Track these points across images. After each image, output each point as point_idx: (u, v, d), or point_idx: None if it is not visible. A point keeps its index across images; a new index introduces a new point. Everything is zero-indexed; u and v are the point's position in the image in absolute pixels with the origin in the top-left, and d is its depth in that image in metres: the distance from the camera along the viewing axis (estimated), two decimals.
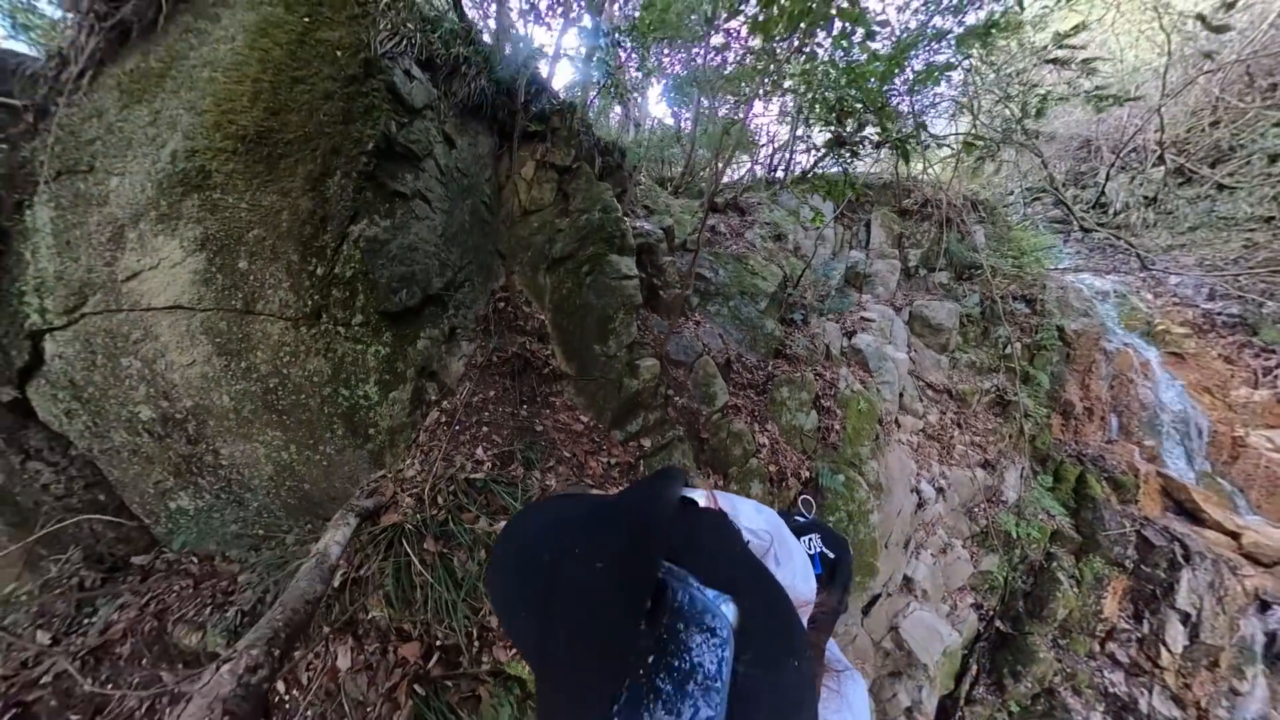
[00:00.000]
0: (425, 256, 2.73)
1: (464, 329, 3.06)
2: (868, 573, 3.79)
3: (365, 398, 2.38)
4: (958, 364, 5.64)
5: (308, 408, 2.28)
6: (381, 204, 2.49)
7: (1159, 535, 4.58)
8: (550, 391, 3.14)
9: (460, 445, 2.56)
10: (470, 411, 2.73)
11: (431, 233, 2.81)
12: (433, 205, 2.85)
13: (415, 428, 2.59)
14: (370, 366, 2.40)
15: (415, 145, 2.70)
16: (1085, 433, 5.97)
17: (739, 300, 4.18)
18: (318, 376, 2.27)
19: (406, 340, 2.61)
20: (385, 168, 2.50)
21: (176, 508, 2.39)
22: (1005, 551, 4.41)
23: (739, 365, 3.37)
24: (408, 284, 2.61)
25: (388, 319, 2.49)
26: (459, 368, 2.94)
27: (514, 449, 2.63)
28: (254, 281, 2.20)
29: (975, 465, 4.66)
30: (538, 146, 3.77)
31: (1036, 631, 4.41)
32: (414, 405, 2.58)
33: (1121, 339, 6.76)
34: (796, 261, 6.15)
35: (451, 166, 3.08)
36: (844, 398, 3.86)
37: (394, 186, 2.55)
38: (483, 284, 3.33)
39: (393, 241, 2.52)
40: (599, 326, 3.24)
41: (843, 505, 3.60)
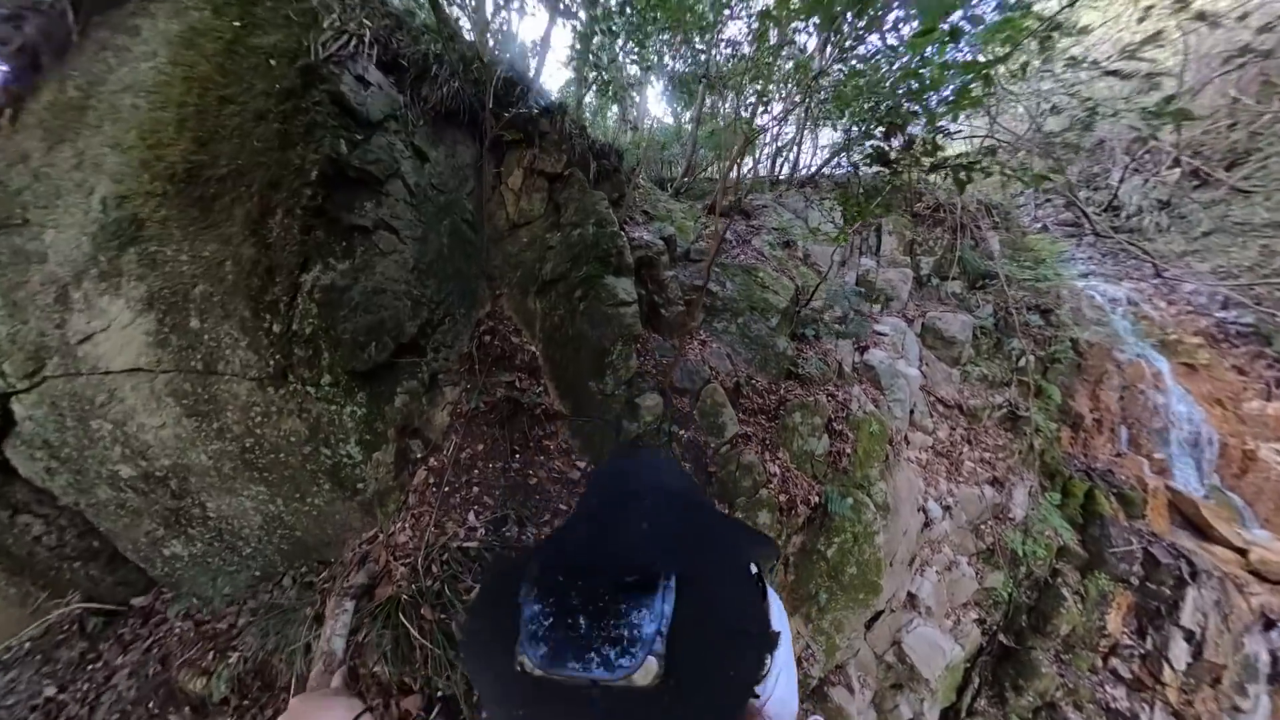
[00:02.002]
0: (394, 299, 2.49)
1: (446, 373, 2.85)
2: (871, 590, 3.84)
3: (349, 457, 2.26)
4: (969, 378, 5.64)
5: (289, 465, 2.17)
6: (336, 243, 2.18)
7: (1165, 552, 4.61)
8: (544, 434, 2.97)
9: (451, 510, 2.49)
10: (459, 470, 2.66)
11: (401, 268, 2.56)
12: (401, 235, 2.57)
13: (404, 489, 2.49)
14: (348, 427, 2.23)
15: (375, 166, 2.37)
16: (1094, 445, 5.98)
17: (748, 317, 4.18)
18: (294, 437, 2.12)
19: (382, 399, 2.39)
20: (337, 198, 2.18)
21: (171, 554, 2.31)
22: (1011, 569, 4.46)
23: (749, 389, 3.39)
24: (376, 335, 2.36)
25: (359, 378, 2.27)
26: (443, 419, 2.76)
27: (507, 510, 2.54)
28: (210, 341, 2.02)
29: (983, 483, 4.69)
30: (525, 152, 3.48)
31: (1039, 646, 4.47)
32: (399, 466, 2.45)
33: (1135, 349, 6.72)
34: (807, 270, 6.13)
35: (424, 185, 2.81)
36: (855, 420, 3.89)
37: (350, 220, 2.23)
38: (465, 315, 3.09)
39: (354, 287, 2.24)
40: (594, 360, 2.98)
41: (848, 528, 3.64)
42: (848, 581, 3.68)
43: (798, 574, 3.61)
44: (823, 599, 3.60)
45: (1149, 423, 6.14)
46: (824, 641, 3.68)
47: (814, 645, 3.67)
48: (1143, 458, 5.87)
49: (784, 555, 3.26)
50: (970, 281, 7.22)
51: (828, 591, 3.62)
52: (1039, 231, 10.79)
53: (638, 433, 2.95)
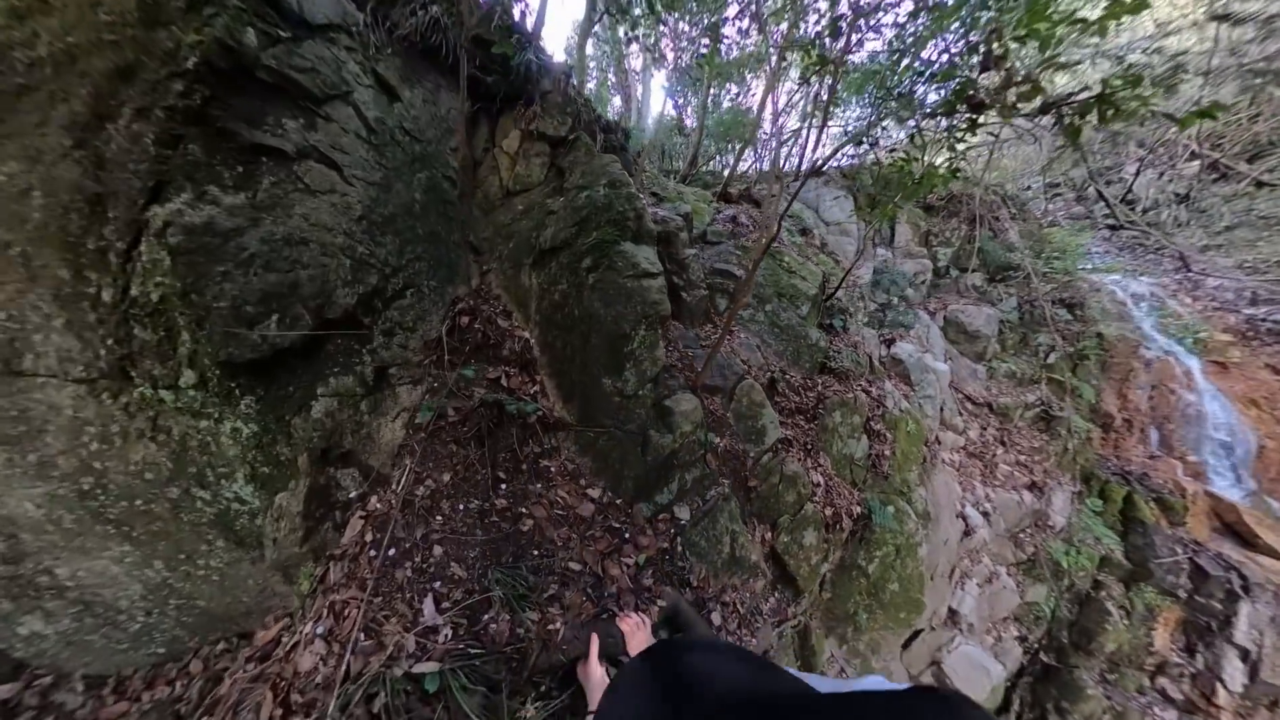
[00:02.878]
0: (324, 253, 1.82)
1: (404, 366, 2.17)
2: (914, 609, 3.48)
3: (239, 501, 1.58)
4: (995, 374, 5.29)
5: (154, 516, 1.53)
6: (226, 166, 1.57)
7: (1214, 563, 4.29)
8: (540, 451, 2.21)
9: (397, 593, 1.63)
10: (414, 518, 1.82)
11: (341, 215, 1.94)
12: (346, 174, 1.99)
13: (322, 555, 1.70)
14: (231, 455, 1.53)
15: (307, 77, 1.82)
16: (1125, 447, 5.67)
17: (777, 304, 3.78)
18: (152, 473, 1.47)
19: (288, 406, 1.67)
20: (236, 106, 1.59)
21: (30, 633, 1.64)
22: (1054, 581, 4.12)
23: (785, 385, 2.98)
24: (282, 304, 1.65)
25: (244, 373, 1.56)
26: (394, 434, 2.01)
27: (489, 584, 1.69)
28: (8, 322, 1.39)
29: (1021, 487, 4.34)
30: (524, 112, 3.02)
31: (1083, 665, 4.13)
32: (314, 518, 1.68)
33: (1161, 346, 6.42)
34: (826, 258, 5.75)
35: (392, 125, 2.31)
36: (892, 418, 3.51)
37: (255, 138, 1.64)
38: (438, 290, 2.45)
39: (250, 231, 1.59)
40: (610, 349, 2.29)
41: (890, 540, 3.27)
42: (889, 599, 3.32)
43: (835, 592, 3.23)
44: (862, 619, 3.23)
45: (1180, 423, 5.84)
46: (858, 664, 3.32)
47: (848, 669, 3.30)
48: (1176, 460, 5.57)
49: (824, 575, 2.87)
50: (990, 273, 6.89)
51: (867, 611, 3.25)
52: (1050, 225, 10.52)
53: (672, 447, 2.28)
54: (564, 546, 1.91)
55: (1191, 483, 5.18)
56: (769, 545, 2.47)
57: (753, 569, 2.26)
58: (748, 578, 2.23)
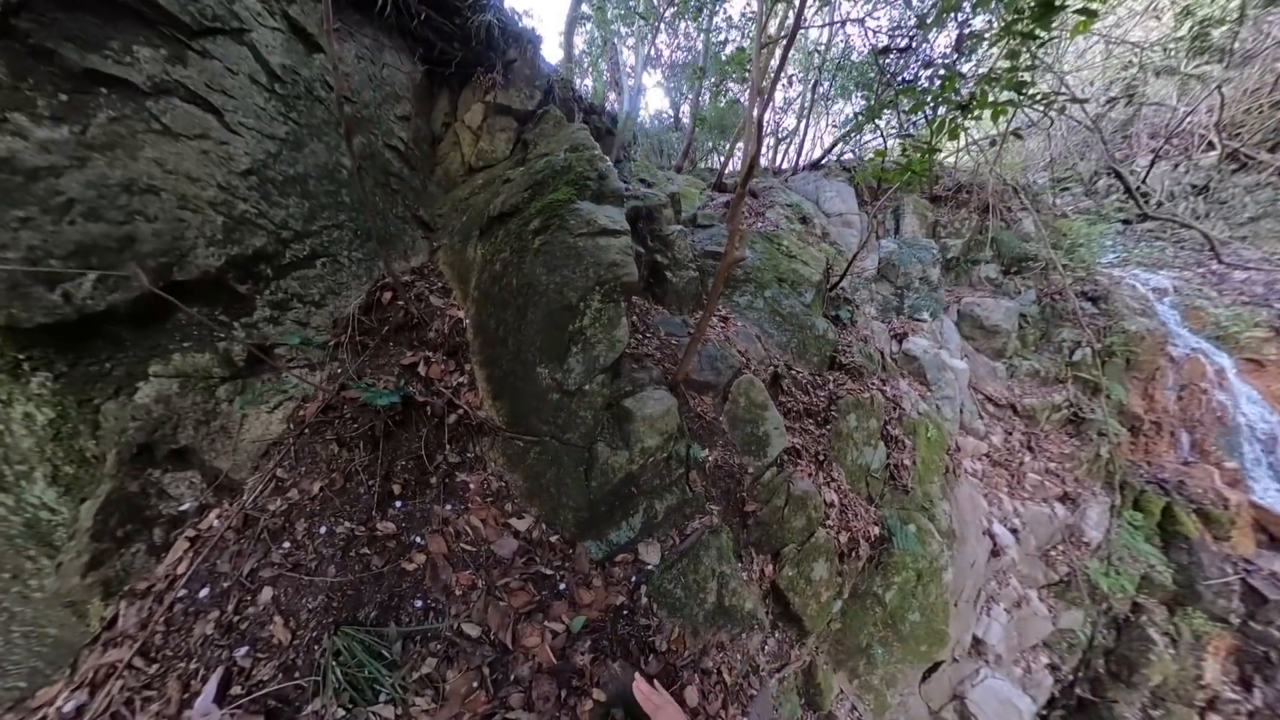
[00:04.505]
0: (182, 205, 1.52)
1: (302, 346, 1.82)
2: (936, 641, 3.01)
3: (46, 508, 1.30)
4: (1016, 372, 4.83)
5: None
6: (40, 93, 1.29)
7: (1270, 585, 3.82)
8: (459, 461, 1.68)
9: (180, 664, 1.11)
10: (249, 543, 1.31)
11: (217, 166, 1.63)
12: (229, 120, 1.69)
13: (115, 590, 1.33)
14: (25, 448, 1.24)
15: (175, 1, 1.53)
16: (1156, 451, 5.20)
17: (777, 290, 3.31)
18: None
19: (99, 386, 1.33)
20: (60, 21, 1.31)
21: None
22: (1092, 605, 3.64)
23: (790, 382, 2.49)
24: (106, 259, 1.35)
25: (38, 342, 1.27)
26: (267, 428, 1.63)
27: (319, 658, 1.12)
28: None
29: (1052, 499, 3.87)
30: (484, 81, 2.76)
31: (1122, 699, 3.66)
32: (111, 538, 1.32)
33: (1189, 343, 5.97)
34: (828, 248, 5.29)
35: (308, 76, 2.01)
36: (911, 422, 3.04)
37: (88, 62, 1.35)
38: (362, 264, 2.13)
39: (71, 173, 1.31)
40: (550, 326, 1.73)
41: (911, 564, 2.79)
42: (909, 631, 2.84)
43: (846, 623, 2.75)
44: (876, 653, 2.76)
45: (1214, 426, 5.37)
46: (871, 699, 2.85)
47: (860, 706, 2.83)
48: (1212, 466, 5.10)
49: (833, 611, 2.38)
50: (1005, 265, 6.43)
51: (883, 644, 2.78)
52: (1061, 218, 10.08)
53: (628, 468, 1.64)
54: (462, 598, 1.36)
55: (1232, 492, 4.71)
56: (769, 580, 1.99)
57: (746, 620, 1.76)
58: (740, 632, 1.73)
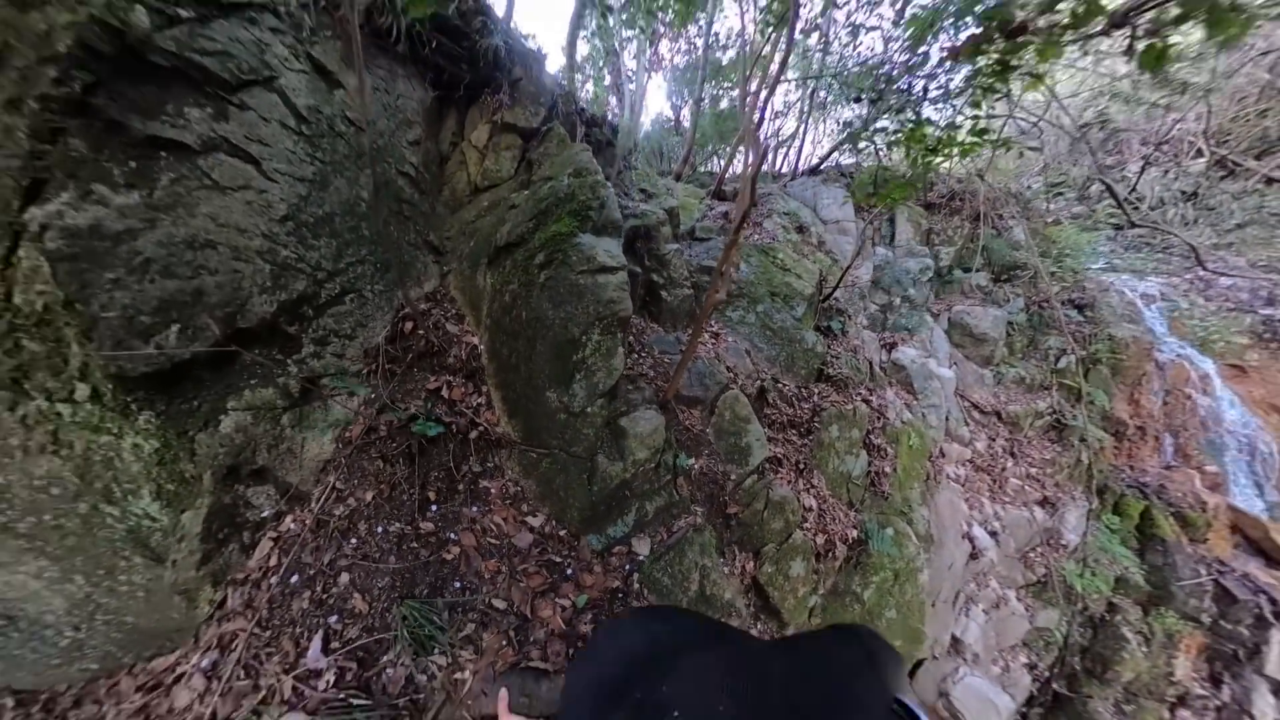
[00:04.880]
0: (236, 257, 1.70)
1: (340, 376, 2.03)
2: (913, 639, 3.18)
3: (148, 518, 1.50)
4: (1004, 380, 4.98)
5: (67, 531, 1.47)
6: (116, 162, 1.44)
7: (1241, 586, 3.98)
8: (480, 470, 1.98)
9: (286, 628, 1.49)
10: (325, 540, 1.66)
11: (259, 215, 1.78)
12: (266, 168, 1.83)
13: (221, 580, 1.60)
14: (135, 471, 1.47)
15: (216, 62, 1.65)
16: (1139, 456, 5.35)
17: (769, 304, 3.47)
18: (58, 488, 1.42)
19: (191, 421, 1.57)
20: (125, 93, 1.46)
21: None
22: (1067, 605, 3.80)
23: (775, 395, 2.66)
24: (183, 314, 1.54)
25: (139, 387, 1.47)
26: (322, 449, 1.88)
27: (391, 623, 1.50)
28: None
29: (1032, 503, 4.03)
30: (491, 102, 2.84)
31: (1097, 695, 3.81)
32: (215, 540, 1.61)
33: (1174, 349, 6.12)
34: (823, 257, 5.44)
35: (331, 114, 2.12)
36: (894, 431, 3.20)
37: (149, 130, 1.50)
38: (384, 295, 2.27)
39: (145, 234, 1.47)
40: (556, 357, 2.01)
41: (888, 565, 2.96)
42: (885, 628, 3.00)
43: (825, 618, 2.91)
44: None
45: (1197, 431, 5.53)
46: None
47: None
48: (1194, 470, 5.25)
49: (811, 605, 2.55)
50: (995, 273, 6.58)
51: None
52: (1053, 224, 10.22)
53: (622, 476, 1.97)
54: (490, 580, 1.72)
55: (1211, 495, 4.86)
56: (750, 575, 2.16)
57: (726, 608, 1.95)
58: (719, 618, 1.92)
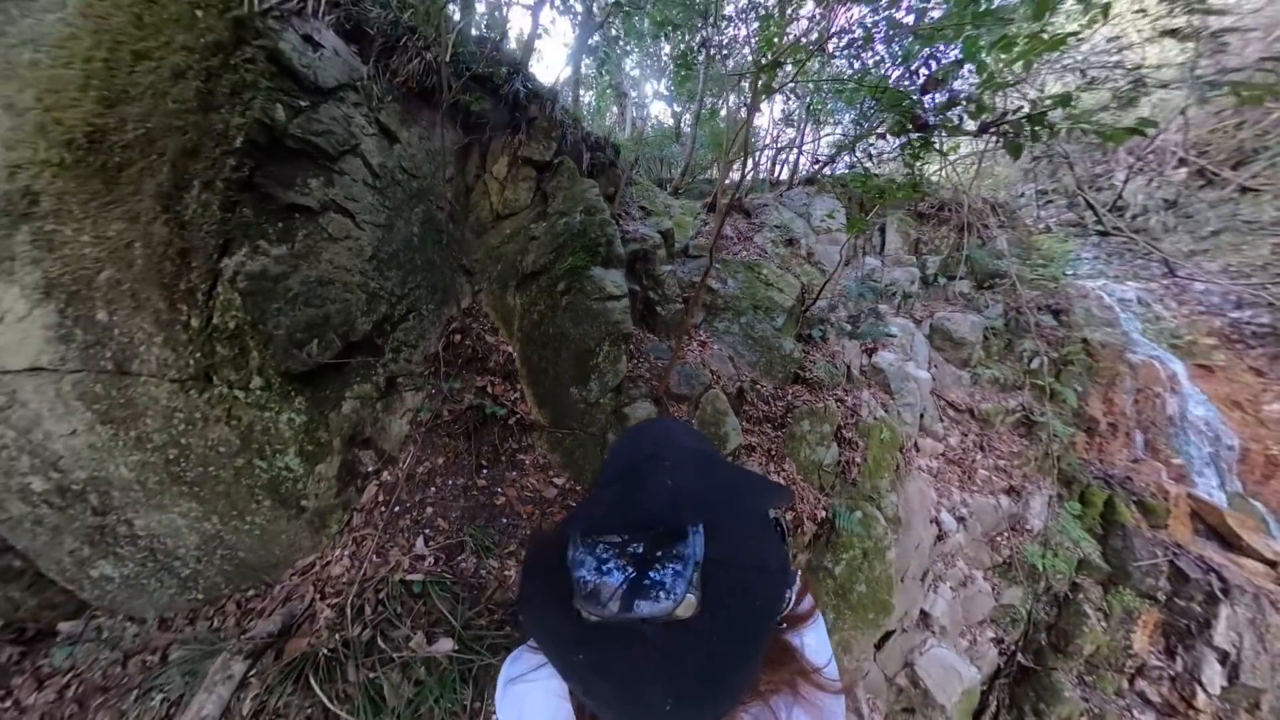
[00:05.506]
0: (345, 291, 2.25)
1: (408, 376, 2.59)
2: (882, 610, 3.57)
3: (288, 470, 2.03)
4: (980, 380, 5.38)
5: (221, 479, 1.95)
6: (269, 224, 1.97)
7: (1194, 566, 4.33)
8: (517, 447, 2.65)
9: (399, 534, 2.20)
10: (414, 487, 2.36)
11: (355, 257, 2.33)
12: (358, 219, 2.35)
13: (348, 508, 2.24)
14: (286, 436, 2.01)
15: (324, 139, 2.15)
16: (1110, 450, 5.72)
17: (752, 316, 3.91)
18: (224, 447, 1.92)
19: (326, 404, 2.15)
20: (272, 172, 1.96)
21: (99, 575, 2.05)
22: (1030, 583, 4.18)
23: (753, 395, 3.11)
24: (319, 332, 2.11)
25: (297, 380, 2.05)
26: (402, 428, 2.52)
27: (463, 537, 2.22)
28: (120, 336, 1.79)
29: (999, 492, 4.42)
30: (512, 139, 3.30)
31: (1061, 667, 4.18)
32: (344, 482, 2.21)
33: (1147, 350, 6.49)
34: (812, 269, 5.87)
35: (392, 167, 2.61)
36: (865, 426, 3.61)
37: (288, 198, 2.02)
38: (435, 312, 2.84)
39: (292, 275, 2.02)
40: (577, 363, 2.65)
41: (857, 544, 3.36)
42: (856, 600, 3.41)
43: None
44: (830, 619, 3.32)
45: (1165, 427, 5.89)
46: None
47: None
48: (1160, 464, 5.61)
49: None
50: (978, 281, 6.98)
51: (835, 611, 3.34)
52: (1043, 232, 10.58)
53: None
54: (528, 518, 2.36)
55: (1174, 485, 5.22)
56: None
57: None
58: None
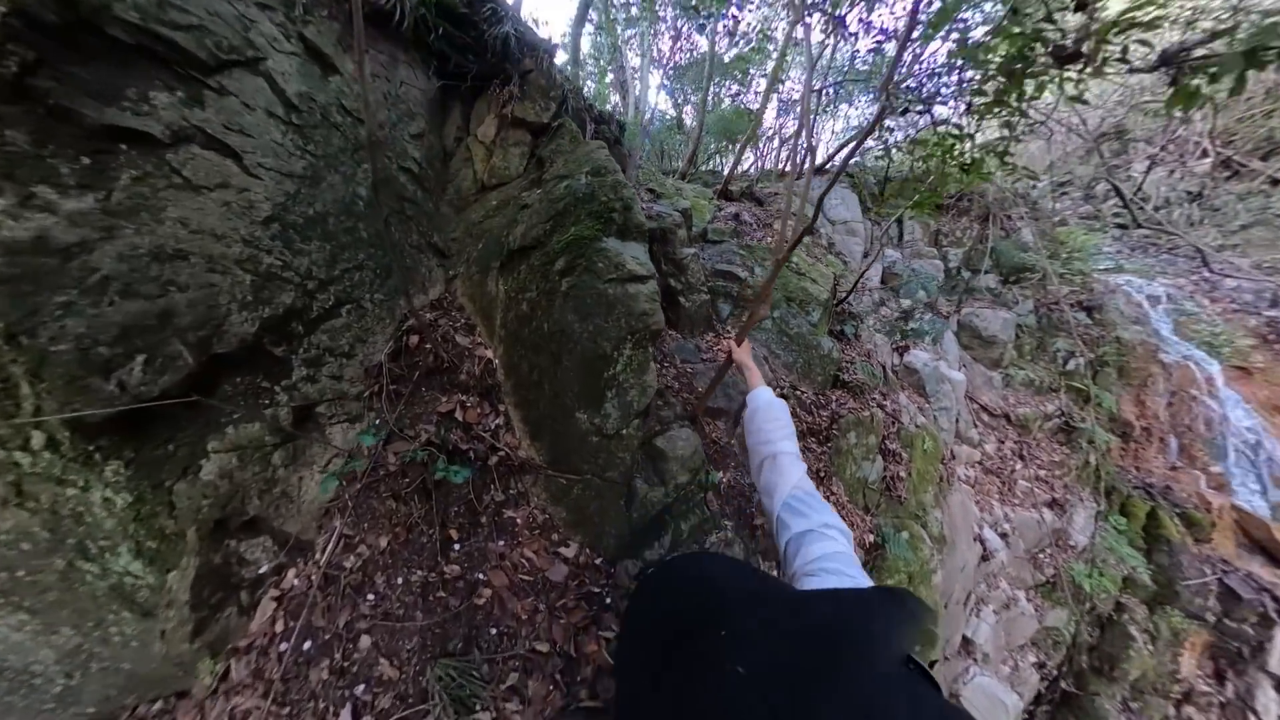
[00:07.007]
0: (211, 268, 1.47)
1: (336, 402, 1.79)
2: (928, 642, 3.23)
3: (130, 575, 1.35)
4: (1013, 382, 5.04)
5: (44, 586, 1.30)
6: (62, 159, 1.23)
7: (1245, 585, 4.05)
8: (504, 500, 1.82)
9: (308, 705, 1.33)
10: (337, 598, 1.49)
11: (239, 217, 1.55)
12: (248, 162, 1.61)
13: (221, 650, 1.43)
14: (108, 528, 1.30)
15: (190, 37, 1.46)
16: (1145, 457, 5.42)
17: (785, 310, 3.51)
18: (28, 543, 1.27)
19: (167, 469, 1.36)
20: (75, 75, 1.25)
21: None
22: (1075, 605, 3.87)
23: (795, 403, 2.72)
24: (148, 341, 1.32)
25: (105, 432, 1.26)
26: (317, 493, 1.66)
27: (426, 684, 1.37)
28: None
29: (1041, 505, 4.10)
30: (501, 93, 2.68)
31: (1104, 692, 3.90)
32: (208, 605, 1.42)
33: (1180, 350, 6.17)
34: (834, 260, 5.48)
35: (324, 102, 1.94)
36: (908, 435, 3.25)
37: (106, 118, 1.29)
38: (386, 305, 2.05)
39: (101, 246, 1.26)
40: (586, 374, 1.84)
41: (904, 568, 3.01)
42: None
43: None
44: None
45: (1201, 432, 5.59)
46: None
47: None
48: (1198, 471, 5.32)
49: None
50: (1004, 275, 6.62)
51: None
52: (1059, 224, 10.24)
53: (665, 501, 1.83)
54: (528, 622, 1.56)
55: (1216, 496, 4.94)
56: None
57: None
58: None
